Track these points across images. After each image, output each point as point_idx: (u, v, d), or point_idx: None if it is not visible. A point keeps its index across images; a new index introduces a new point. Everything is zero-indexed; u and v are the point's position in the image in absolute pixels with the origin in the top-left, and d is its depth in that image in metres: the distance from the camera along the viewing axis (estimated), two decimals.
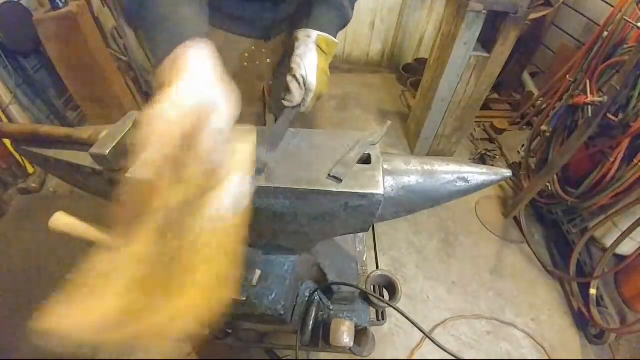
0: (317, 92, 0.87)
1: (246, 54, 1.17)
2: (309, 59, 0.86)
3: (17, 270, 2.08)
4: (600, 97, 1.72)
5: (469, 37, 2.17)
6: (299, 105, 0.87)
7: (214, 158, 0.52)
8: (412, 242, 2.37)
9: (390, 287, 1.02)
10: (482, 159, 2.97)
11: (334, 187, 0.67)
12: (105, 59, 2.46)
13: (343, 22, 0.98)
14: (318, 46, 0.89)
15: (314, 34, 0.89)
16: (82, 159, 0.72)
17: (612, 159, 1.76)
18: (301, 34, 0.90)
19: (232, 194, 0.56)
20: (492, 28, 2.19)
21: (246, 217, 0.57)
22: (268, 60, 1.18)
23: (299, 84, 0.85)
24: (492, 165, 2.45)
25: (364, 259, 1.13)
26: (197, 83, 0.52)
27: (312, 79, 0.86)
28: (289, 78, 0.86)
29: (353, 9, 1.01)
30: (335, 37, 0.94)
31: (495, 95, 3.46)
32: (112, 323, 0.49)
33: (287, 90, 0.86)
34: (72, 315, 0.49)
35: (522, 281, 2.21)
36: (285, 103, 0.87)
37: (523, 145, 2.59)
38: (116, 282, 0.51)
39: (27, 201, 2.50)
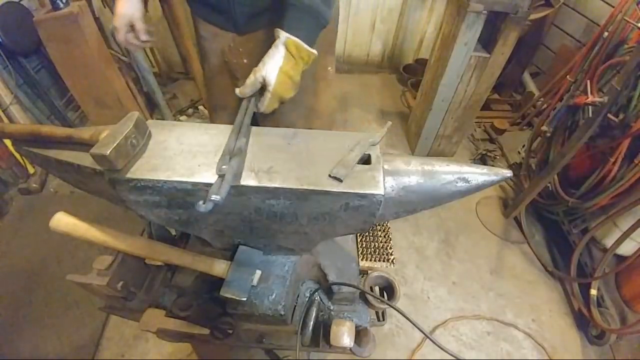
0: (275, 94, 0.87)
1: (227, 49, 1.16)
2: (274, 60, 0.87)
3: (18, 270, 2.08)
4: (600, 97, 1.72)
5: (469, 37, 2.17)
6: (254, 101, 0.87)
7: None
8: (412, 242, 2.37)
9: (389, 288, 1.02)
10: (482, 160, 2.97)
11: (334, 188, 0.67)
12: (105, 59, 2.46)
13: (319, 26, 0.96)
14: (287, 49, 0.88)
15: (284, 36, 0.88)
16: (82, 159, 0.72)
17: (612, 159, 1.76)
18: (275, 33, 0.90)
19: None
20: (493, 28, 2.19)
21: None
22: (245, 60, 1.16)
23: (256, 80, 0.86)
24: (493, 166, 2.46)
25: None
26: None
27: (271, 79, 0.86)
28: (250, 74, 0.88)
29: (331, 8, 0.98)
30: (310, 43, 0.91)
31: (496, 96, 3.47)
32: None
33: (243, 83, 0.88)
34: None
35: (523, 281, 2.21)
36: (236, 90, 0.88)
37: (523, 146, 2.58)
38: None
39: (27, 201, 2.51)
